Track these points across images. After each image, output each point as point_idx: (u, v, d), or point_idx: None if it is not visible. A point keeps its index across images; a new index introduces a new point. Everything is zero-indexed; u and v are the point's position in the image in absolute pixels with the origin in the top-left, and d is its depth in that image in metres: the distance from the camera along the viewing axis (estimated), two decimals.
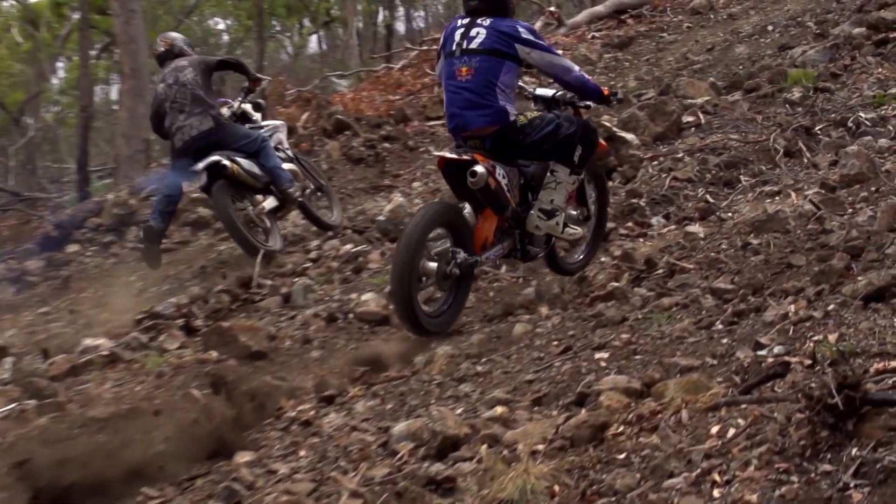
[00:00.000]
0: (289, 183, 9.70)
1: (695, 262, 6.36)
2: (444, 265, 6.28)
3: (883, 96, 9.57)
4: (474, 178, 6.19)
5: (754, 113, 10.25)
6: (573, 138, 6.57)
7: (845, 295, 4.57)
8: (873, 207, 6.25)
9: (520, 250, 6.79)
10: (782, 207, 6.99)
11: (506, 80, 6.43)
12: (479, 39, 6.42)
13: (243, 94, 10.18)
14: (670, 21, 19.72)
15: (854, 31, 12.22)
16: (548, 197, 6.68)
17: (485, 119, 6.40)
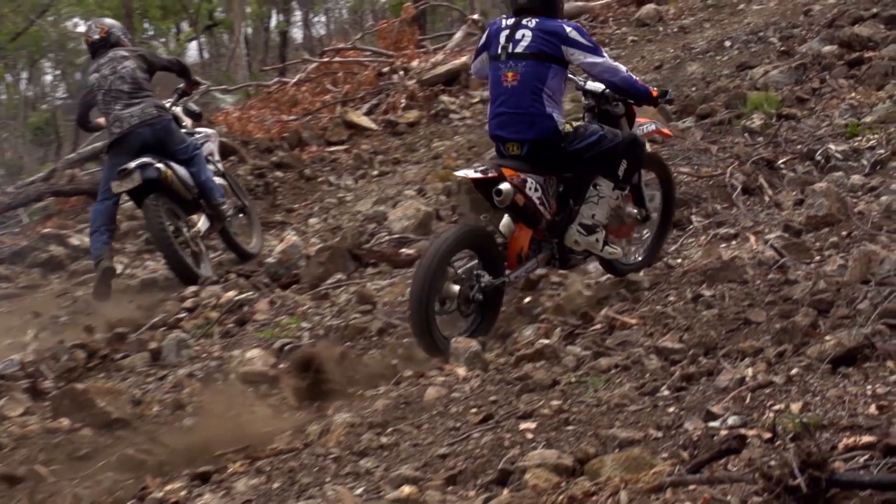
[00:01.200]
0: (221, 199, 10.13)
1: (638, 316, 6.41)
2: (468, 289, 6.81)
3: (856, 126, 9.80)
4: (500, 197, 6.77)
5: (708, 142, 10.42)
6: (617, 151, 7.15)
7: (811, 357, 4.64)
8: (844, 255, 6.38)
9: (558, 259, 7.35)
10: (739, 253, 7.11)
11: (552, 85, 7.03)
12: (525, 43, 7.03)
13: (176, 97, 10.58)
14: (613, 33, 20.03)
15: (824, 50, 12.52)
16: (589, 211, 7.22)
17: (528, 128, 6.99)
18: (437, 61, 18.28)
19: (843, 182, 8.48)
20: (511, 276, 7.06)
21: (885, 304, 5.01)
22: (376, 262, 9.47)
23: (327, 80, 18.69)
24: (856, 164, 9.06)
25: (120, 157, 9.82)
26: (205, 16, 33.08)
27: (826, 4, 15.19)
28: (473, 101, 16.61)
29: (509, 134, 7.08)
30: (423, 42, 21.89)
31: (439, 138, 15.13)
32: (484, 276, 6.85)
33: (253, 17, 34.92)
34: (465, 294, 6.82)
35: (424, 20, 29.72)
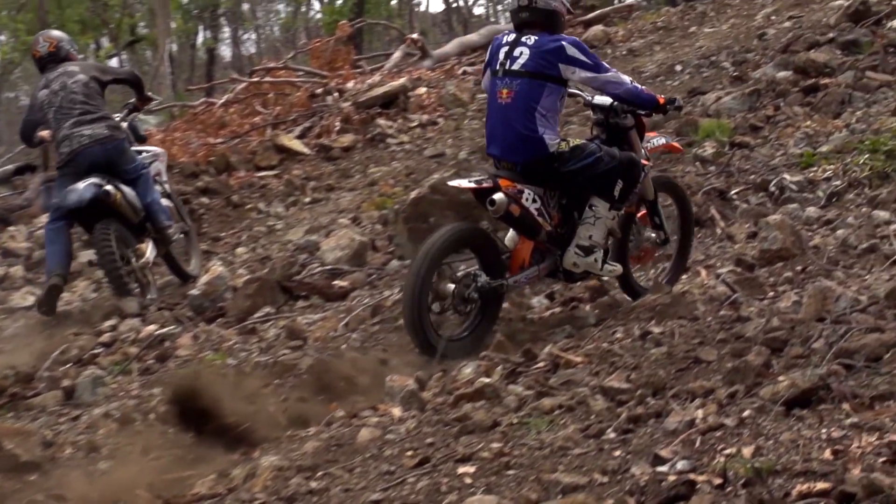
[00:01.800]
0: (168, 222, 10.30)
1: (583, 353, 6.43)
2: (464, 288, 7.10)
3: (812, 155, 9.93)
4: (493, 207, 7.05)
5: (658, 172, 10.51)
6: (614, 172, 7.39)
7: (763, 398, 4.67)
8: (799, 291, 6.44)
9: (562, 272, 7.56)
10: (690, 288, 7.16)
11: (547, 104, 7.28)
12: (522, 60, 7.29)
13: (126, 112, 10.66)
14: None
15: (779, 75, 12.69)
16: (586, 233, 7.43)
17: (519, 149, 7.28)
18: (374, 83, 18.30)
19: (799, 214, 8.59)
20: (510, 280, 7.29)
21: (840, 344, 5.05)
22: (307, 294, 9.44)
23: (257, 101, 18.64)
24: (811, 195, 9.18)
25: (68, 178, 9.92)
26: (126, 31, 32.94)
27: (781, 28, 15.43)
28: (412, 126, 16.64)
29: (502, 153, 7.38)
30: (360, 62, 21.92)
31: (376, 164, 15.14)
32: (481, 276, 7.13)
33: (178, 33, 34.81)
34: (461, 293, 7.10)
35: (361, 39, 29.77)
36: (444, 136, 15.90)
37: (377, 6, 35.54)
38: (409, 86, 18.16)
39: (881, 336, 4.96)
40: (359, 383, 7.01)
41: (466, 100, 17.53)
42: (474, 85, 18.46)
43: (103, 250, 9.74)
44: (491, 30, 22.47)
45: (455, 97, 17.48)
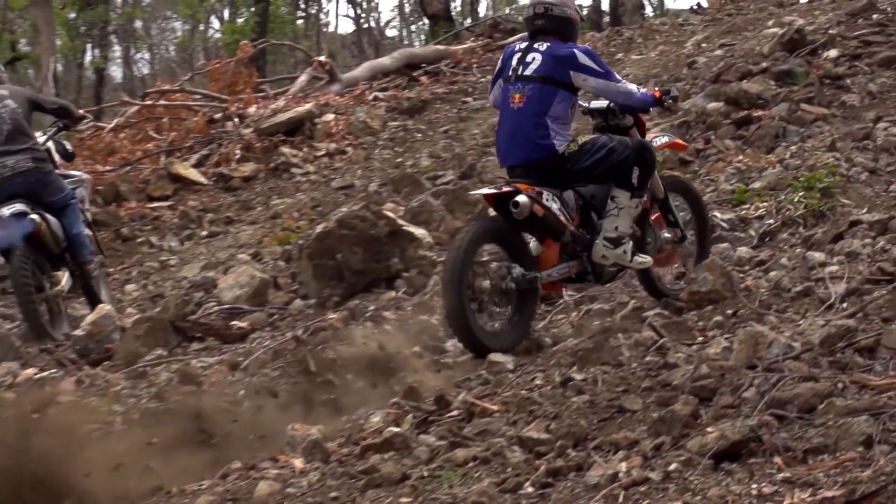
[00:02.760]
0: (90, 256, 10.37)
1: (500, 401, 6.43)
2: (500, 280, 7.55)
3: (744, 192, 10.05)
4: (517, 209, 7.41)
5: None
6: (629, 160, 7.85)
7: (691, 451, 4.70)
8: (729, 336, 6.49)
9: (591, 272, 7.97)
10: (611, 331, 7.20)
11: (558, 110, 7.80)
12: (535, 66, 7.83)
13: (55, 130, 10.71)
14: (477, 82, 20.31)
15: (709, 106, 12.87)
16: (612, 224, 7.87)
17: (529, 153, 7.77)
18: (278, 108, 18.29)
19: (729, 255, 8.69)
20: (544, 274, 7.69)
21: (773, 393, 5.09)
22: (203, 336, 9.38)
23: (150, 126, 18.54)
24: (743, 234, 9.30)
25: None
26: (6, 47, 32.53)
27: (712, 56, 15.68)
28: (318, 155, 16.64)
29: (513, 159, 7.88)
30: (262, 86, 21.91)
31: (279, 195, 15.10)
32: (515, 267, 7.57)
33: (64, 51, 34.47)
34: (498, 287, 7.56)
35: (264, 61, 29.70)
36: (353, 167, 15.93)
37: (282, 26, 35.49)
38: (316, 112, 18.16)
39: (815, 385, 5.02)
40: (258, 432, 6.96)
41: (377, 128, 17.59)
42: (386, 112, 18.53)
43: (18, 275, 9.78)
44: (404, 53, 22.64)
45: (365, 125, 17.53)
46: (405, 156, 15.86)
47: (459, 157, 14.57)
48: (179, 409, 7.61)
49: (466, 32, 29.03)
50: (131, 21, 40.83)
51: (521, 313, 7.68)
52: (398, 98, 19.98)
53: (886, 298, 6.26)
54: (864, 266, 7.47)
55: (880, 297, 6.34)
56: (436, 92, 20.06)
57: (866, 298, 6.46)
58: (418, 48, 27.83)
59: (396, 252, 9.76)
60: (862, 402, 4.73)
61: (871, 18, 16.23)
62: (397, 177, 13.75)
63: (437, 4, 32.64)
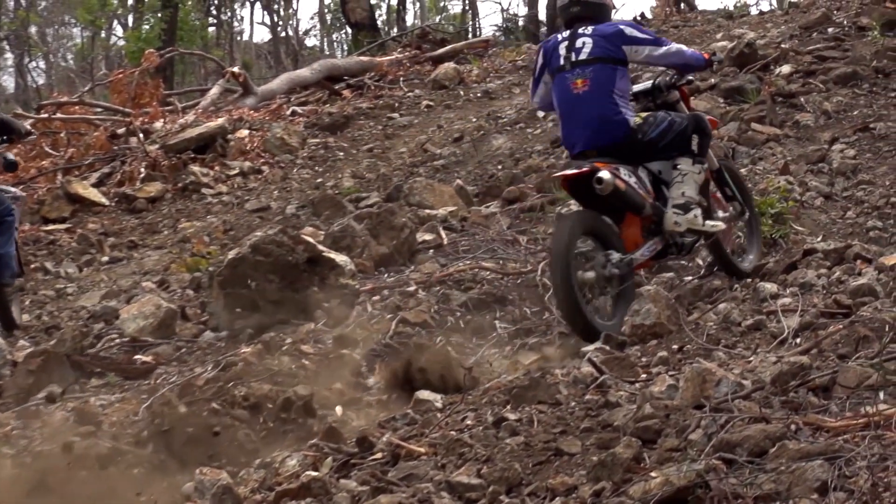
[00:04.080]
0: (10, 279, 10.51)
1: (428, 443, 6.43)
2: (602, 269, 8.20)
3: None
4: (601, 185, 8.10)
5: (516, 232, 10.64)
6: (687, 129, 8.76)
7: (633, 497, 4.72)
8: (674, 373, 6.53)
9: (674, 245, 8.71)
10: (548, 368, 7.21)
11: (622, 86, 8.66)
12: (588, 49, 8.64)
13: None
14: (404, 96, 20.34)
15: None
16: (678, 191, 8.68)
17: (604, 133, 8.52)
18: (187, 123, 18.21)
19: (675, 285, 8.74)
20: (637, 254, 8.44)
21: (721, 435, 5.12)
22: (103, 371, 9.27)
23: (46, 141, 18.37)
24: (690, 263, 9.37)
25: None
26: None
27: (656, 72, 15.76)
28: (231, 174, 16.56)
29: (589, 142, 8.56)
30: (170, 98, 21.82)
31: (188, 218, 15.01)
32: (612, 254, 8.25)
33: None
34: (602, 275, 8.21)
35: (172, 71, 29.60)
36: (269, 187, 15.89)
37: (191, 33, 35.40)
38: (229, 127, 18.10)
39: (766, 427, 5.05)
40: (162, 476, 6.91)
41: (296, 145, 17.55)
42: (305, 128, 18.49)
43: None
44: (325, 64, 22.63)
45: (283, 141, 17.49)
46: (326, 176, 15.85)
47: (385, 177, 14.60)
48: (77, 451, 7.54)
49: (392, 43, 29.14)
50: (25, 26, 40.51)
51: (625, 295, 8.31)
52: (318, 113, 19.97)
53: (843, 333, 6.32)
54: (819, 298, 7.55)
55: (836, 331, 6.39)
56: (359, 107, 20.07)
57: (821, 333, 6.52)
58: (340, 59, 27.81)
59: (316, 280, 9.72)
60: (817, 446, 4.75)
61: (826, 32, 16.51)
62: (317, 198, 13.73)
63: (360, 12, 32.68)
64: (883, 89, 13.62)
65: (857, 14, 17.65)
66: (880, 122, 12.25)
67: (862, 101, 13.28)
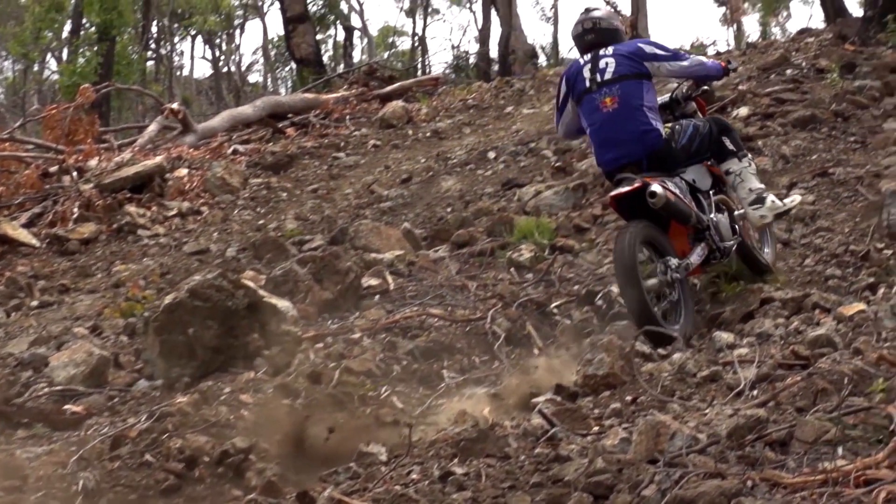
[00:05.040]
0: None
1: (371, 498, 6.42)
2: (663, 275, 8.91)
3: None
4: (654, 199, 8.75)
5: (466, 278, 10.64)
6: (712, 132, 9.57)
7: None
8: (628, 426, 6.55)
9: (717, 249, 9.45)
10: (501, 420, 7.21)
11: (650, 99, 9.34)
12: (612, 68, 9.37)
13: None
14: (350, 135, 20.37)
15: None
16: (744, 190, 9.56)
17: (639, 146, 9.19)
18: (123, 161, 18.13)
19: (629, 334, 8.77)
20: (692, 259, 9.19)
21: (675, 491, 5.13)
22: (30, 421, 9.19)
23: None
24: None
25: None
26: None
27: None
28: (169, 215, 16.50)
29: (624, 157, 9.24)
30: (106, 135, 21.74)
31: (123, 260, 14.93)
32: (670, 260, 8.97)
33: None
34: (665, 281, 8.90)
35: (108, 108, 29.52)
36: (209, 229, 15.84)
37: (129, 68, 35.32)
38: (167, 166, 18.06)
39: (722, 483, 5.06)
40: None
41: (237, 185, 17.53)
42: (247, 167, 18.48)
43: None
44: (269, 102, 22.64)
45: (223, 181, 17.46)
46: (268, 217, 15.82)
47: (329, 219, 14.58)
48: None
49: (339, 80, 29.16)
50: None
51: (686, 298, 9.03)
52: (261, 152, 19.95)
53: (801, 386, 6.36)
54: (777, 349, 7.58)
55: (794, 384, 6.43)
56: (304, 146, 20.08)
57: (779, 385, 6.55)
58: (284, 96, 27.82)
59: (256, 327, 9.68)
60: (773, 502, 4.78)
61: (784, 74, 16.67)
62: (259, 241, 13.70)
63: (306, 48, 32.77)
64: (842, 133, 13.72)
65: (816, 56, 17.85)
66: (839, 167, 12.34)
67: (821, 146, 13.37)
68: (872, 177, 11.72)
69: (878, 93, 15.08)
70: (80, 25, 35.46)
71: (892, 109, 14.24)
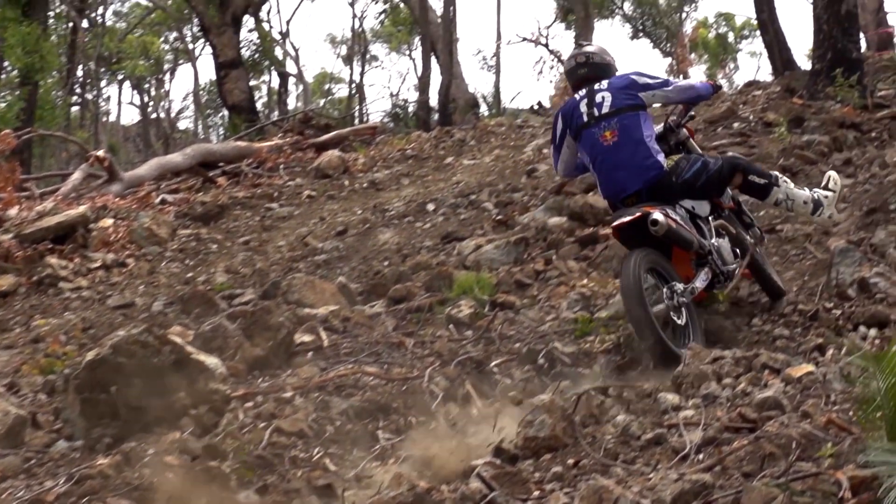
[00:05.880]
0: None
1: None
2: (670, 300, 9.28)
3: (588, 321, 10.20)
4: (656, 226, 9.15)
5: (403, 335, 10.63)
6: (723, 171, 9.96)
7: None
8: (570, 490, 6.55)
9: (720, 274, 9.86)
10: (434, 483, 7.19)
11: (648, 130, 9.84)
12: (609, 101, 9.87)
13: None
14: (284, 185, 20.36)
15: (550, 222, 13.08)
16: (801, 207, 10.15)
17: (640, 176, 9.65)
18: (45, 210, 18.03)
19: (573, 394, 8.78)
20: (696, 283, 9.56)
21: None
22: None
23: None
24: (587, 370, 9.41)
25: None
26: None
27: None
28: (93, 267, 16.41)
29: (629, 188, 9.69)
30: (27, 183, 21.64)
31: (43, 314, 14.83)
32: (675, 284, 9.39)
33: None
34: (672, 306, 9.25)
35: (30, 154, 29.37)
36: (135, 282, 15.76)
37: (52, 112, 35.13)
38: (91, 216, 17.96)
39: None
40: None
41: (165, 236, 17.46)
42: (176, 217, 18.42)
43: None
44: (199, 149, 22.62)
45: (150, 232, 17.39)
46: (197, 270, 15.76)
47: (261, 272, 14.55)
48: None
49: (273, 127, 29.21)
50: None
51: (694, 322, 9.38)
52: (190, 202, 19.92)
53: (747, 450, 6.38)
54: (724, 411, 7.59)
55: (741, 447, 6.45)
56: (235, 196, 20.06)
57: (725, 449, 6.57)
58: (216, 144, 27.85)
59: (183, 385, 9.61)
60: None
61: (731, 127, 16.82)
62: (187, 295, 13.63)
63: (238, 94, 32.82)
64: None
65: (764, 109, 18.02)
66: (787, 224, 12.42)
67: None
68: (821, 234, 11.81)
69: (827, 148, 15.28)
70: (2, 68, 35.30)
71: (840, 165, 14.39)
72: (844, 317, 9.40)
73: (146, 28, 59.34)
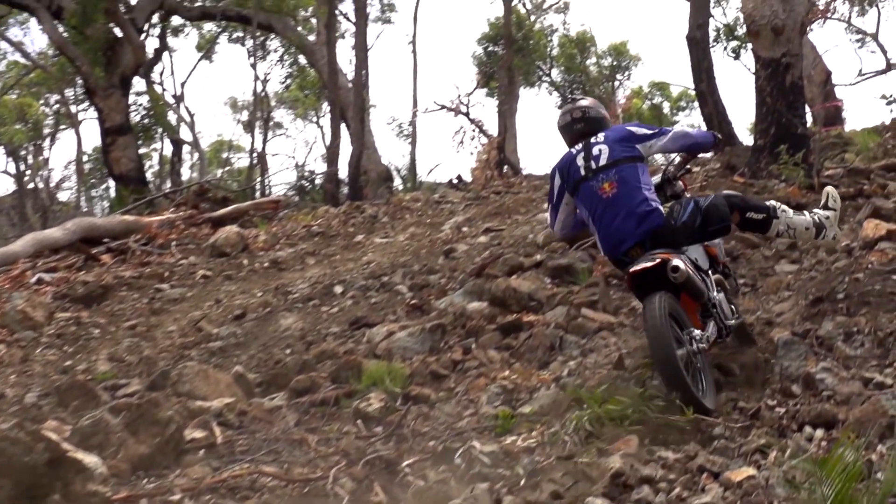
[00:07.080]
0: None
1: None
2: (690, 346, 9.82)
3: (510, 417, 10.19)
4: (677, 273, 9.78)
5: (306, 431, 10.59)
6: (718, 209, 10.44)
7: None
8: None
9: (724, 328, 10.57)
10: None
11: (646, 180, 10.53)
12: (606, 154, 10.61)
13: None
14: (176, 264, 20.31)
15: (470, 307, 13.09)
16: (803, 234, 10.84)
17: (640, 225, 10.29)
18: None
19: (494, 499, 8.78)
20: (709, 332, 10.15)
21: None
22: None
23: None
24: (508, 472, 9.40)
25: None
26: None
27: (474, 244, 16.07)
28: None
29: (631, 239, 10.33)
30: None
31: None
32: (692, 331, 9.95)
33: None
34: (692, 351, 9.81)
35: None
36: (6, 370, 15.63)
37: None
38: None
39: None
40: None
41: (41, 319, 17.34)
42: (53, 299, 18.31)
43: None
44: (81, 224, 22.52)
45: (25, 315, 17.28)
46: (77, 357, 15.66)
47: (149, 360, 14.47)
48: None
49: (164, 200, 29.13)
50: None
51: (706, 371, 9.92)
52: (70, 282, 19.83)
53: None
54: None
55: None
56: (121, 275, 19.99)
57: None
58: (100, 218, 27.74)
59: (58, 486, 9.53)
60: None
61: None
62: (64, 385, 13.52)
63: (126, 163, 32.78)
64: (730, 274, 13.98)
65: (703, 188, 18.22)
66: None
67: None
68: (763, 325, 11.90)
69: None
70: None
71: (784, 250, 14.52)
72: (788, 416, 9.44)
73: (24, 89, 59.24)
